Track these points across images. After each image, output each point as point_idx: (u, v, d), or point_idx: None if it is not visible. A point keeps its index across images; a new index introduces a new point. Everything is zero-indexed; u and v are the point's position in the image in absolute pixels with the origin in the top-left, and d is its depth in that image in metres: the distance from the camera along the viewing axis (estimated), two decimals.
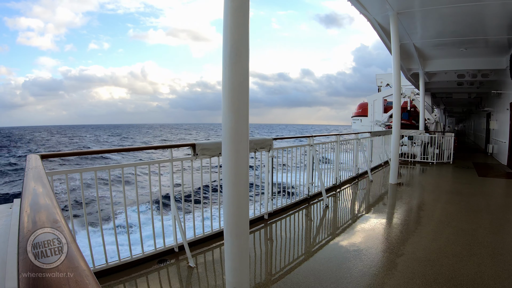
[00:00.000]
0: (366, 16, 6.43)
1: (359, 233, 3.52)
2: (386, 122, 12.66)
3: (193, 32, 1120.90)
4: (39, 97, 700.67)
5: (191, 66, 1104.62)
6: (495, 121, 10.79)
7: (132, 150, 3.10)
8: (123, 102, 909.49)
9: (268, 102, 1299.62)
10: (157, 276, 2.53)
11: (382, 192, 5.73)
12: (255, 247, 3.13)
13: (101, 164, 11.26)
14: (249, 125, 2.06)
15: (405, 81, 10.78)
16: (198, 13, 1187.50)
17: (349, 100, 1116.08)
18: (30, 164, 1.50)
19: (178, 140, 48.98)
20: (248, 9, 1.95)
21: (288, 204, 4.39)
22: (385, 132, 8.60)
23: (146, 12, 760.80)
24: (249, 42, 1.96)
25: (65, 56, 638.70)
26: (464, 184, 6.41)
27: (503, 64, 8.26)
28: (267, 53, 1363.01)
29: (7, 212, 1.24)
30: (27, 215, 0.68)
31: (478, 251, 2.96)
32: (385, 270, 2.60)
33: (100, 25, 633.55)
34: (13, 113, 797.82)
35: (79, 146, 38.04)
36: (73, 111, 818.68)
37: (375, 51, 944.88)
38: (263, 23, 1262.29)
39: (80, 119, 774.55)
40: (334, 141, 5.68)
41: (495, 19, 6.11)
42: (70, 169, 2.38)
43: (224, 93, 1.97)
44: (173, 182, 2.84)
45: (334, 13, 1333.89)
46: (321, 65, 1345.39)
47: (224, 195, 2.07)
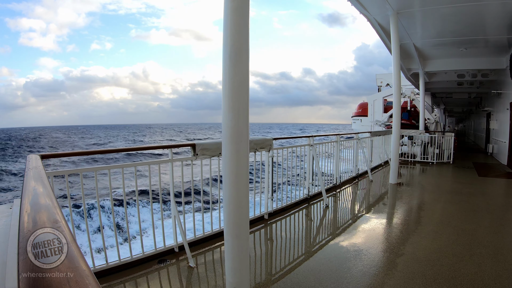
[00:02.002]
0: (366, 16, 6.43)
1: (359, 233, 3.52)
2: (386, 122, 12.66)
3: (195, 32, 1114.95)
4: (41, 98, 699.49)
5: (193, 66, 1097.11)
6: (495, 121, 10.79)
7: (132, 150, 3.11)
8: (124, 102, 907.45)
9: (270, 102, 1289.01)
10: (157, 276, 2.53)
11: (382, 192, 5.73)
12: (255, 247, 3.13)
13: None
14: (249, 124, 2.06)
15: (405, 81, 10.78)
16: (201, 13, 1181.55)
17: (350, 99, 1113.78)
18: (30, 164, 1.50)
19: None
20: (248, 9, 1.95)
21: (288, 204, 4.39)
22: (385, 132, 8.59)
23: (148, 12, 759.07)
24: (249, 42, 1.96)
25: (67, 56, 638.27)
26: (464, 184, 6.41)
27: (503, 64, 8.26)
28: (269, 52, 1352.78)
29: (7, 212, 1.24)
30: (27, 215, 0.68)
31: (478, 251, 2.96)
32: (385, 270, 2.60)
33: (102, 25, 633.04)
34: (14, 114, 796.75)
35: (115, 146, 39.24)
36: (74, 111, 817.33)
37: (376, 49, 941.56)
38: (265, 22, 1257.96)
39: (81, 120, 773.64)
40: (334, 141, 5.68)
41: (495, 19, 6.11)
42: (70, 169, 2.38)
43: (224, 93, 1.97)
44: (173, 182, 2.84)
45: (337, 12, 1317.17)
46: (323, 64, 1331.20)
47: (224, 195, 2.06)
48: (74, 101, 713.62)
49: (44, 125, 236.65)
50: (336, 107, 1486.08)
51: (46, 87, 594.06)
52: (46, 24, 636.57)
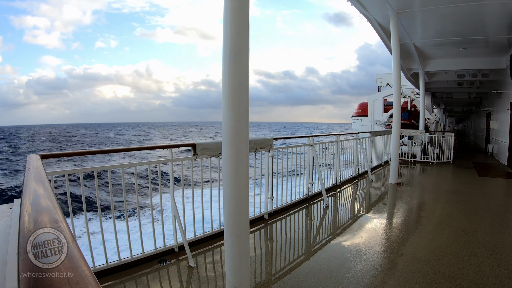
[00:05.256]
0: (366, 16, 6.43)
1: (359, 233, 3.52)
2: (386, 122, 12.66)
3: (201, 30, 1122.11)
4: (43, 96, 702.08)
5: (198, 64, 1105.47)
6: (495, 121, 10.79)
7: (132, 150, 3.11)
8: (126, 101, 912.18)
9: (272, 100, 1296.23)
10: (157, 276, 2.53)
11: (382, 192, 5.73)
12: (255, 247, 3.13)
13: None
14: (249, 124, 2.06)
15: (405, 81, 10.78)
16: (206, 11, 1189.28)
17: (353, 99, 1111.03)
18: (30, 164, 1.50)
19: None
20: (248, 9, 1.95)
21: (288, 204, 4.39)
22: (385, 132, 8.59)
23: (152, 11, 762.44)
24: (249, 42, 1.96)
25: (70, 54, 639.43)
26: (464, 184, 6.41)
27: (503, 64, 8.26)
28: (273, 51, 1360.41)
29: (7, 212, 1.24)
30: (27, 215, 0.68)
31: (478, 251, 2.96)
32: (385, 270, 2.60)
33: (107, 23, 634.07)
34: (16, 112, 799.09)
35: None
36: (76, 109, 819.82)
37: (379, 49, 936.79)
38: (269, 22, 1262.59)
39: (82, 118, 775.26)
40: (334, 141, 5.68)
41: (495, 19, 6.11)
42: (70, 169, 2.38)
43: (224, 93, 1.97)
44: (173, 182, 2.84)
45: (343, 12, 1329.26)
46: (326, 63, 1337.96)
47: (224, 195, 2.06)
48: (76, 99, 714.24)
49: (44, 124, 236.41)
50: (339, 107, 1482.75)
51: (48, 85, 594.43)
52: (50, 22, 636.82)
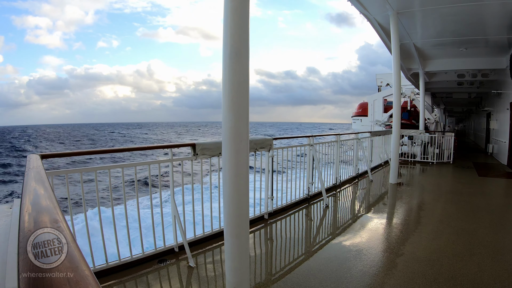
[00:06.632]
0: (366, 16, 6.43)
1: (359, 233, 3.52)
2: (386, 122, 12.66)
3: (203, 30, 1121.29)
4: (44, 96, 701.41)
5: (199, 64, 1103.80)
6: (495, 121, 10.79)
7: (132, 150, 3.11)
8: (126, 101, 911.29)
9: (273, 100, 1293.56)
10: (157, 276, 2.53)
11: (382, 192, 5.73)
12: (255, 247, 3.13)
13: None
14: (249, 124, 2.06)
15: (405, 81, 10.77)
16: (208, 11, 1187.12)
17: (354, 99, 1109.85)
18: (30, 164, 1.50)
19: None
20: (248, 9, 1.95)
21: (288, 204, 4.39)
22: (385, 132, 8.59)
23: (153, 11, 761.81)
24: (249, 42, 1.96)
25: (72, 54, 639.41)
26: (464, 184, 6.41)
27: (503, 64, 8.25)
28: (274, 51, 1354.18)
29: (7, 212, 1.24)
30: (27, 215, 0.68)
31: (478, 251, 2.96)
32: (385, 270, 2.60)
33: (109, 23, 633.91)
34: (17, 112, 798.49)
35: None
36: (77, 110, 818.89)
37: (380, 49, 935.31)
38: (270, 22, 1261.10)
39: (82, 118, 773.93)
40: (334, 141, 5.67)
41: (495, 19, 6.11)
42: (70, 169, 2.38)
43: (224, 93, 1.98)
44: (173, 182, 2.84)
45: (346, 12, 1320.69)
46: (327, 63, 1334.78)
47: (224, 195, 2.06)
48: (77, 99, 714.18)
49: (45, 123, 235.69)
50: (340, 107, 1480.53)
51: (49, 85, 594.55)
52: (52, 22, 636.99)
